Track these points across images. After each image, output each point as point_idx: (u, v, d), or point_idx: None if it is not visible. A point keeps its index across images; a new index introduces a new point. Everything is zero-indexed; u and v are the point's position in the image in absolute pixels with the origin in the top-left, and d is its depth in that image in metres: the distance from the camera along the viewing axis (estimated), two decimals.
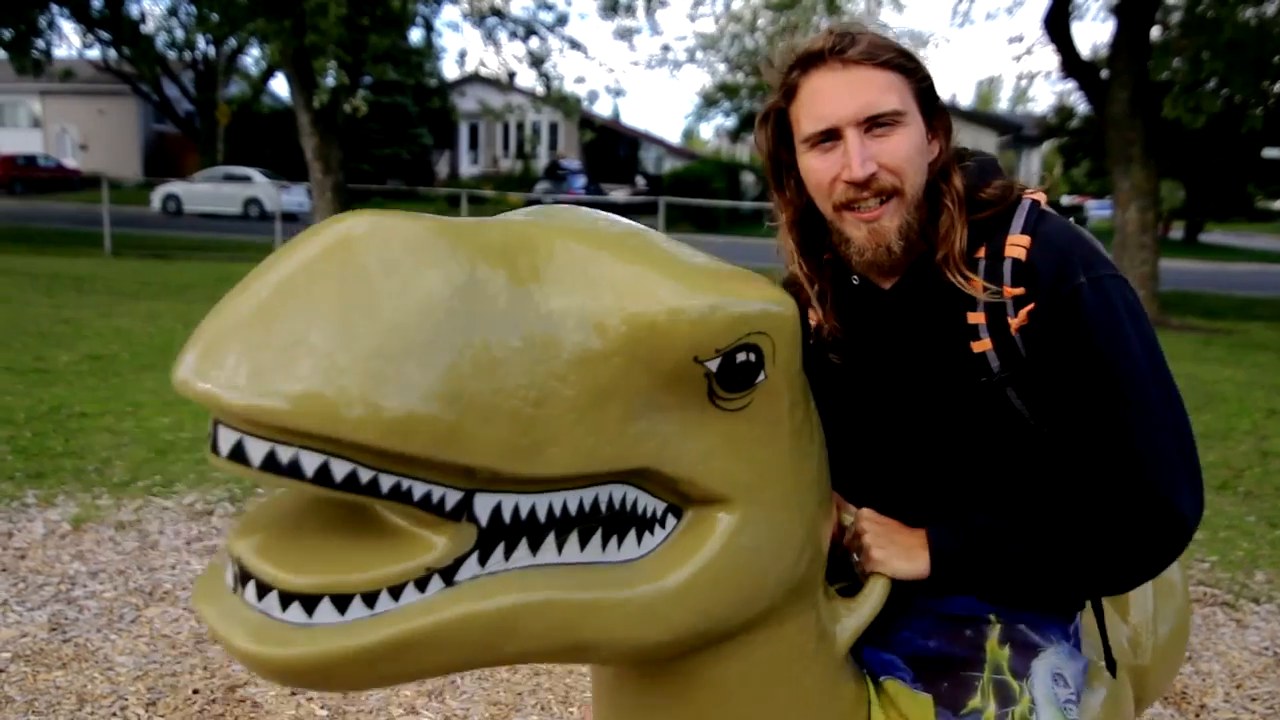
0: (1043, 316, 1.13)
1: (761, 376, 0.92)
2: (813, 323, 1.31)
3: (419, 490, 0.72)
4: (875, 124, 1.13)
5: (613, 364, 0.81)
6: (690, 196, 19.40)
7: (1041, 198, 1.21)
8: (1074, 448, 1.15)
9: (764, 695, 1.07)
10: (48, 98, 35.25)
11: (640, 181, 35.00)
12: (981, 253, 1.18)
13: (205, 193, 25.54)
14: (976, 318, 1.17)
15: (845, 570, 1.26)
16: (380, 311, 0.68)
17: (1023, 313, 1.14)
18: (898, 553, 1.20)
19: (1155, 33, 12.20)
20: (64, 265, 13.59)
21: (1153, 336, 1.15)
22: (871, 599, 1.18)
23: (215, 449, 0.69)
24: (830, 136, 1.15)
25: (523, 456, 0.76)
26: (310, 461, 0.67)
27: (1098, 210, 35.94)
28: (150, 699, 2.74)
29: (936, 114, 1.20)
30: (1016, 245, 1.16)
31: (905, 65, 1.15)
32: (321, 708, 2.74)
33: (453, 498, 0.75)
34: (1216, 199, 29.49)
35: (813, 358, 1.37)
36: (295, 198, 22.10)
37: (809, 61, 1.16)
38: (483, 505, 0.77)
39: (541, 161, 33.98)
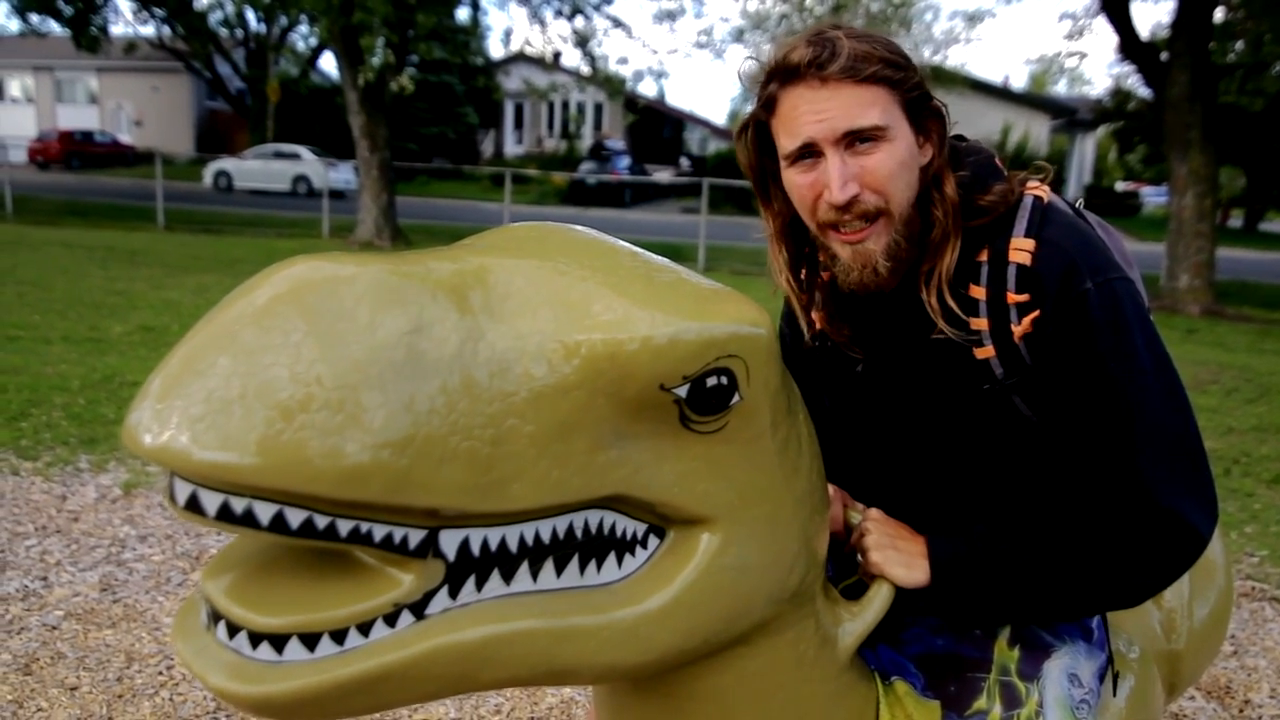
0: (1049, 326, 1.10)
1: (736, 399, 0.88)
2: (817, 326, 1.29)
3: (379, 532, 0.72)
4: (858, 139, 1.09)
5: (573, 397, 0.79)
6: (734, 178, 19.27)
7: (1044, 192, 1.17)
8: (1078, 455, 1.11)
9: (763, 704, 1.05)
10: (104, 74, 35.99)
11: (684, 163, 34.87)
12: (984, 256, 1.14)
13: (255, 169, 25.99)
14: (979, 324, 1.14)
15: (855, 565, 1.23)
16: (325, 362, 0.67)
17: (1026, 320, 1.11)
18: (898, 559, 1.16)
19: (1219, 14, 11.84)
20: (118, 239, 13.91)
21: (1159, 340, 1.11)
22: (875, 604, 1.15)
23: (173, 499, 0.69)
24: (810, 153, 1.11)
25: (484, 494, 0.74)
26: (265, 511, 0.67)
27: (1154, 197, 35.06)
28: None
29: (929, 117, 1.14)
30: (1021, 250, 1.12)
31: (890, 77, 1.09)
32: None
33: (416, 537, 0.74)
34: (1278, 186, 28.58)
35: (817, 358, 1.34)
36: (343, 175, 22.40)
37: (787, 75, 1.10)
38: (449, 540, 0.76)
39: (586, 141, 33.97)
